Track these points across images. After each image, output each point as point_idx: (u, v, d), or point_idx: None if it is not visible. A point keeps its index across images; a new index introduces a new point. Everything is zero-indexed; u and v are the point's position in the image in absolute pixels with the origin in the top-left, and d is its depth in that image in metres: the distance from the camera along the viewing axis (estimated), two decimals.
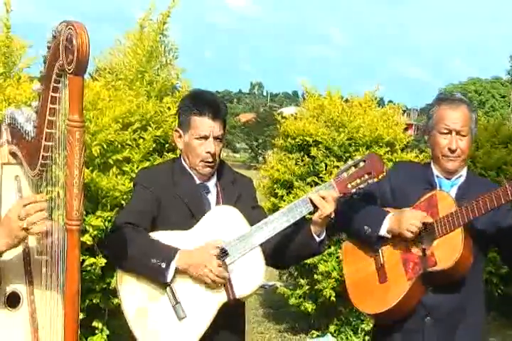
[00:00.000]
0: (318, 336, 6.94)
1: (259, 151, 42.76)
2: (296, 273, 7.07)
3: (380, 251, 3.18)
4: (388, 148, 6.70)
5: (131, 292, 2.93)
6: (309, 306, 6.85)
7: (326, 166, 6.55)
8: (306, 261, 6.46)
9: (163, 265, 2.83)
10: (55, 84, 2.22)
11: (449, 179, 3.21)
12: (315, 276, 6.63)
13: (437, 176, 3.21)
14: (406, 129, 9.14)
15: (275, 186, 6.92)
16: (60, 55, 2.13)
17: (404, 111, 8.09)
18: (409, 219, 3.04)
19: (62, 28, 2.12)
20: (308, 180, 6.65)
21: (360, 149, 6.49)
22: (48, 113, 2.26)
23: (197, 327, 2.88)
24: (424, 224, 3.07)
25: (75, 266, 2.14)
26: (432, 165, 3.24)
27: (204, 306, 2.89)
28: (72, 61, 2.08)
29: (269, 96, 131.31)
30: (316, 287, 6.68)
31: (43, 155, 2.31)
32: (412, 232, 3.04)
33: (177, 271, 2.86)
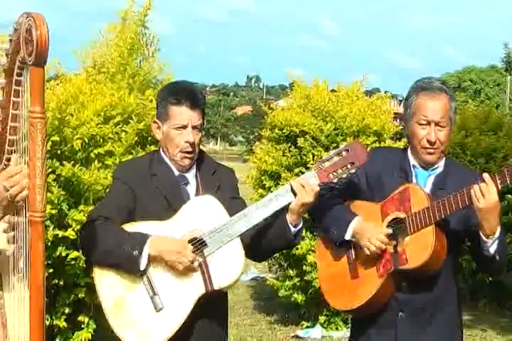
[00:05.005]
0: (308, 327, 6.95)
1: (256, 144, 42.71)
2: (285, 265, 7.07)
3: (352, 246, 3.09)
4: (376, 138, 6.68)
5: (108, 284, 2.92)
6: (299, 297, 6.85)
7: (314, 156, 6.54)
8: (294, 252, 6.47)
9: (136, 252, 2.81)
10: (17, 78, 2.21)
11: (425, 169, 3.09)
12: (304, 267, 6.62)
13: (414, 166, 3.09)
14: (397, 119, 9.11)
15: (263, 177, 6.92)
16: (20, 47, 2.12)
17: (400, 101, 8.14)
18: (371, 237, 2.97)
19: (23, 20, 2.11)
20: (296, 170, 6.63)
21: (348, 139, 6.45)
22: (11, 106, 2.24)
23: (174, 318, 2.87)
24: (396, 219, 2.98)
25: (39, 259, 2.12)
26: (409, 154, 3.11)
27: (182, 298, 2.87)
28: (32, 52, 2.07)
29: (265, 89, 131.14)
30: (305, 278, 6.68)
31: (7, 150, 2.29)
32: (369, 250, 2.97)
33: (151, 260, 2.85)
